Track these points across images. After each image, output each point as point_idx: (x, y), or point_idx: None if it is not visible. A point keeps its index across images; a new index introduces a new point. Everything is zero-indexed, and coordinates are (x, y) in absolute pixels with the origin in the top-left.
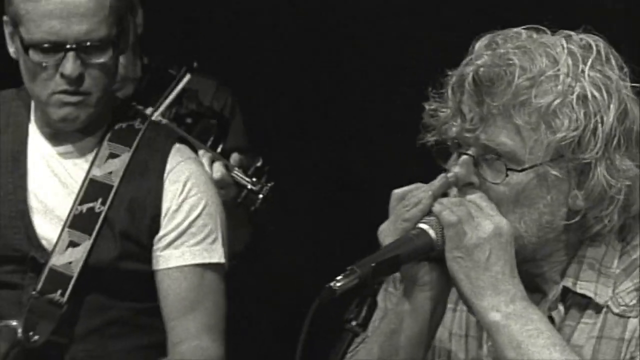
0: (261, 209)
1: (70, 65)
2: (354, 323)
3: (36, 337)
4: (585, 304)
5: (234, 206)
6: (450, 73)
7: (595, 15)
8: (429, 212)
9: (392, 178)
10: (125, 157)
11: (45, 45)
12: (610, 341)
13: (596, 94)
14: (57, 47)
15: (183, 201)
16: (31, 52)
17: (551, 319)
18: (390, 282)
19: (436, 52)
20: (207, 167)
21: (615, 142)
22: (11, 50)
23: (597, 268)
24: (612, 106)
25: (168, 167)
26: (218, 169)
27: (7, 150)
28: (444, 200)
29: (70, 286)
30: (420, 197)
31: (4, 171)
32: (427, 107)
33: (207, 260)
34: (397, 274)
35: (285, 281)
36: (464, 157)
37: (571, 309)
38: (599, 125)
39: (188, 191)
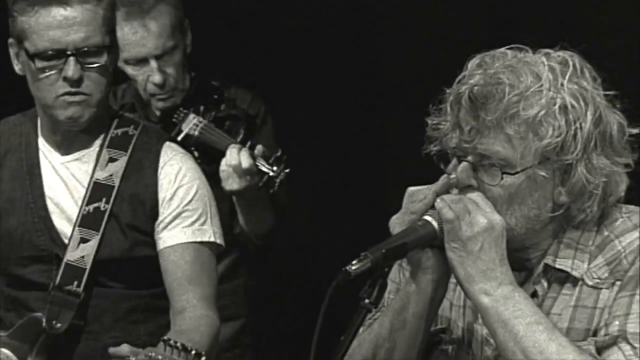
0: (279, 192)
1: (71, 68)
2: (367, 301)
3: (59, 325)
4: (564, 277)
5: (257, 190)
6: (447, 91)
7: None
8: (432, 207)
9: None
10: (122, 160)
11: (49, 52)
12: (585, 309)
13: (575, 103)
14: (59, 54)
15: (177, 189)
16: (37, 61)
17: (536, 292)
18: (404, 261)
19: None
20: (236, 157)
21: (592, 144)
22: (17, 68)
23: (574, 246)
24: (588, 113)
25: (161, 162)
26: (245, 159)
27: (22, 166)
28: (445, 197)
29: (85, 277)
30: (425, 193)
31: (22, 184)
32: (429, 121)
33: (199, 239)
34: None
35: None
36: (464, 163)
37: (553, 283)
38: (579, 130)
39: (180, 180)
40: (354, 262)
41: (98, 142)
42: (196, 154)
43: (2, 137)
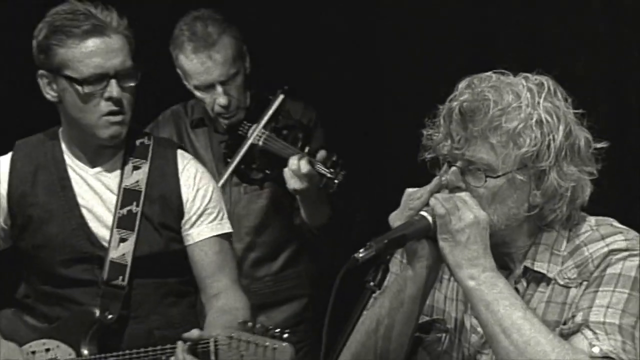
0: (337, 192)
1: (114, 89)
2: (372, 284)
3: (110, 316)
4: (540, 277)
5: (317, 190)
6: (440, 107)
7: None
8: (427, 204)
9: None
10: (145, 167)
11: (93, 78)
12: (556, 305)
13: (549, 119)
14: (102, 78)
15: (197, 190)
16: (84, 86)
17: (517, 289)
18: (400, 252)
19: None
20: (296, 163)
21: (563, 153)
22: (49, 96)
23: (549, 251)
24: (560, 127)
25: (180, 167)
26: (305, 165)
27: (52, 180)
28: (438, 195)
29: (127, 272)
30: (421, 193)
31: (56, 197)
32: (424, 132)
33: (221, 232)
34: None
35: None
36: (454, 168)
37: (531, 282)
38: (552, 142)
39: (198, 182)
40: (360, 250)
41: (120, 153)
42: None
43: (29, 155)
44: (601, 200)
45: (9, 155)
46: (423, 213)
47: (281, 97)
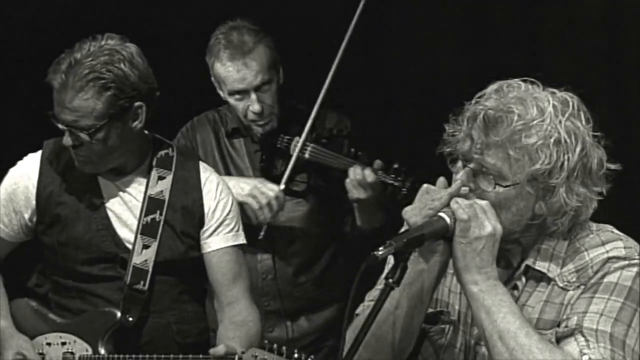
0: (404, 199)
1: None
2: (391, 280)
3: (131, 319)
4: (540, 277)
5: (380, 199)
6: (466, 106)
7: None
8: (446, 206)
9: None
10: (169, 178)
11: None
12: (554, 305)
13: (567, 139)
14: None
15: (218, 202)
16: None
17: (516, 285)
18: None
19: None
20: (360, 173)
21: (575, 174)
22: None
23: (550, 252)
24: (577, 149)
25: (202, 179)
26: (369, 175)
27: (81, 181)
28: (460, 200)
29: (148, 277)
30: (442, 194)
31: (83, 197)
32: (447, 128)
33: (237, 242)
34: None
35: None
36: (467, 168)
37: (530, 280)
38: (566, 162)
39: (219, 194)
40: (380, 247)
41: (147, 162)
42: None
43: (58, 156)
44: (603, 205)
45: (38, 155)
46: (442, 214)
47: (317, 106)
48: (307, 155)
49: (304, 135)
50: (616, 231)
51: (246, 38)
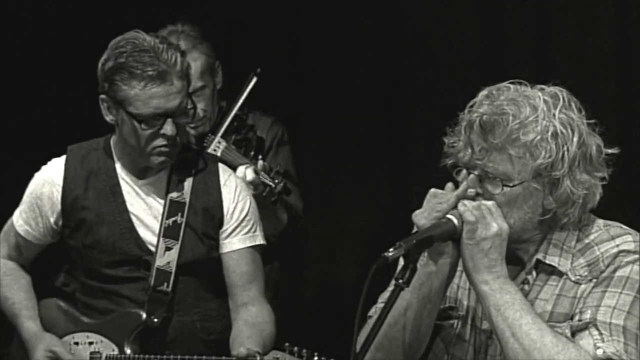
0: (291, 200)
1: (169, 127)
2: (401, 281)
3: (156, 320)
4: (551, 271)
5: (263, 198)
6: (460, 115)
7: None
8: (453, 208)
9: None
10: (189, 181)
11: (152, 117)
12: (567, 298)
13: (563, 130)
14: (160, 117)
15: (237, 204)
16: (142, 124)
17: (527, 280)
18: (426, 253)
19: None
20: (242, 171)
21: (576, 163)
22: (107, 118)
23: (560, 246)
24: (574, 139)
25: (222, 181)
26: (249, 174)
27: (104, 187)
28: (467, 202)
29: (172, 279)
30: (449, 197)
31: (106, 201)
32: (446, 140)
33: (254, 243)
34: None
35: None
36: (472, 175)
37: (540, 274)
38: (566, 152)
39: (238, 196)
40: (390, 249)
41: (168, 167)
42: None
43: (82, 161)
44: (605, 203)
45: (62, 160)
46: (449, 216)
47: (254, 80)
48: (219, 154)
49: (221, 130)
50: (624, 226)
51: (182, 43)
